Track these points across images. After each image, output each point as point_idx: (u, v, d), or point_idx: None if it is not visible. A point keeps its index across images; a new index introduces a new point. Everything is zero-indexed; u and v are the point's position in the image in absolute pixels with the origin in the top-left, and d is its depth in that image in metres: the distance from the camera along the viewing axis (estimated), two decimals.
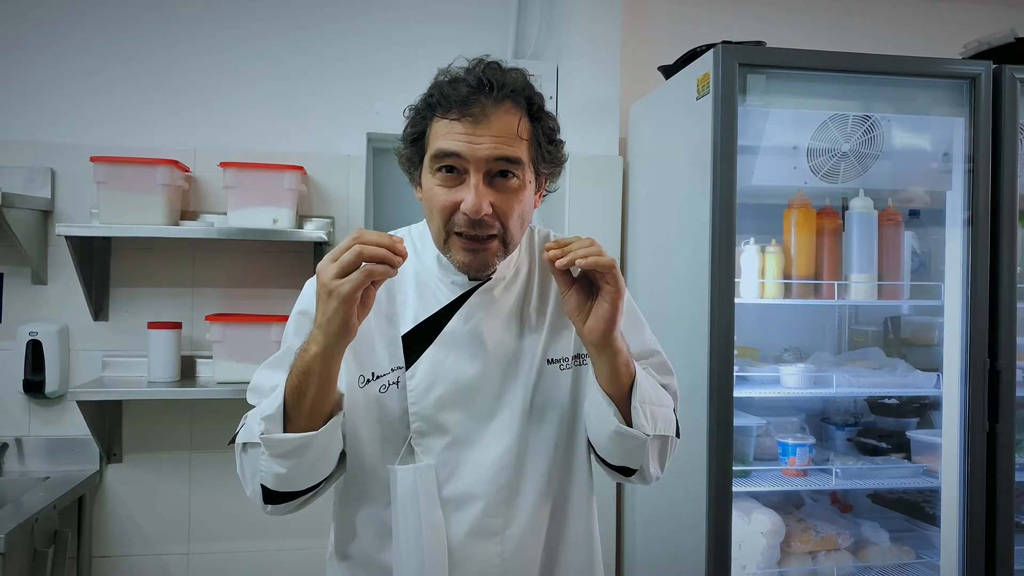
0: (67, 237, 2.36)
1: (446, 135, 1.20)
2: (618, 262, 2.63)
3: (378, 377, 1.28)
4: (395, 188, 3.05)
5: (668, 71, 2.40)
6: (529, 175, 1.24)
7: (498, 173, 1.20)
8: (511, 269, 1.35)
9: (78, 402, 2.37)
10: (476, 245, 1.21)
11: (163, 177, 2.42)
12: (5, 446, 2.52)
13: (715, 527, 2.05)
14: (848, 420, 2.64)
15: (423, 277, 1.33)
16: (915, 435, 2.44)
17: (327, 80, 2.75)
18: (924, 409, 2.56)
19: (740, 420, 2.33)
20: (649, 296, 2.48)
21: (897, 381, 2.34)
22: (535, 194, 1.30)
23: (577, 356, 1.35)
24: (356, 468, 1.29)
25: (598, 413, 1.26)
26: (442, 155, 1.20)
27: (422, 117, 1.25)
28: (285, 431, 1.14)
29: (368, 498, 1.29)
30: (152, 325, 2.49)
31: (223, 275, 2.67)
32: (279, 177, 2.50)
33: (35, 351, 2.50)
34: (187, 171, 2.60)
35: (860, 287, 2.32)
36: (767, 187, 2.40)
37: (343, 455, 1.29)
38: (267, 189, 2.48)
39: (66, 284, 2.55)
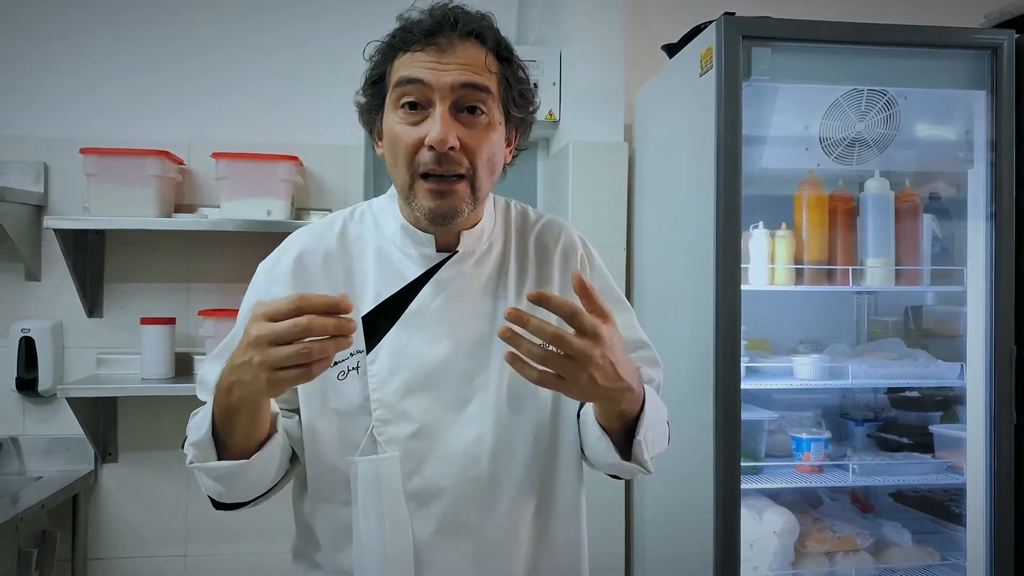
0: (56, 231, 2.32)
1: (409, 64, 1.11)
2: (624, 253, 2.55)
3: (336, 363, 1.16)
4: None
5: (671, 50, 2.30)
6: (498, 115, 1.15)
7: (466, 108, 1.11)
8: (483, 243, 1.24)
9: (68, 399, 2.32)
10: (443, 186, 1.10)
11: (153, 168, 2.36)
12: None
13: (723, 525, 1.94)
14: (867, 415, 2.51)
15: (385, 251, 1.22)
16: (938, 429, 2.31)
17: (325, 71, 2.68)
18: (948, 402, 2.42)
19: (751, 414, 2.22)
20: (657, 289, 2.38)
21: (918, 372, 2.21)
22: (505, 147, 1.20)
23: None
24: (313, 462, 1.19)
25: (596, 444, 1.15)
26: (405, 82, 1.10)
27: (384, 57, 1.15)
28: (218, 452, 1.06)
29: (326, 495, 1.19)
30: (145, 321, 2.44)
31: (220, 269, 2.61)
32: (273, 168, 2.43)
33: (28, 348, 2.45)
34: (181, 163, 2.55)
35: (876, 272, 2.20)
36: (778, 170, 2.29)
37: (295, 452, 1.21)
38: (261, 180, 2.42)
39: (59, 280, 2.50)
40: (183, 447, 1.15)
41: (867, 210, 2.25)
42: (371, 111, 1.19)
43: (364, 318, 1.17)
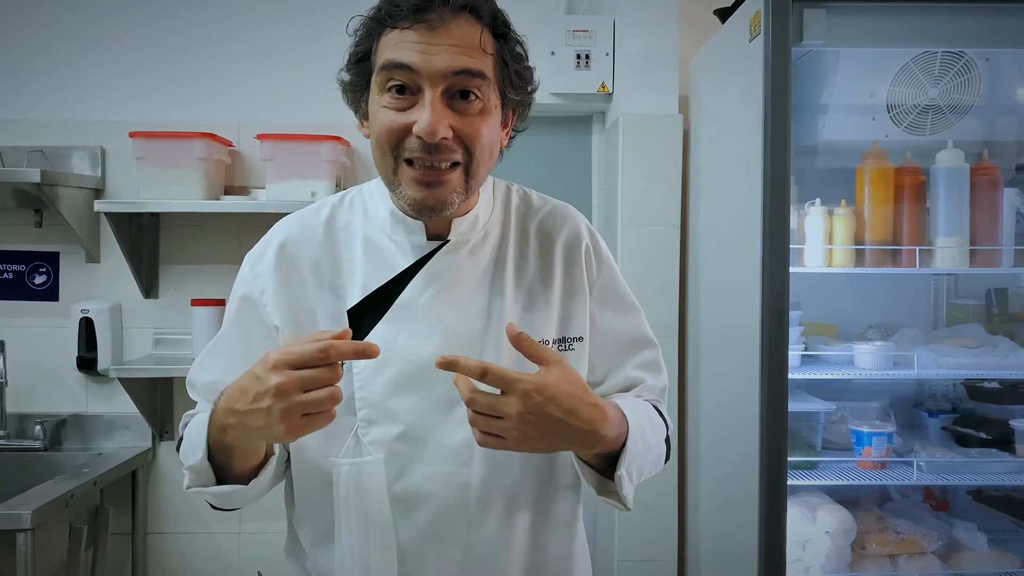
0: (107, 214, 2.36)
1: (396, 45, 1.01)
2: (678, 233, 2.41)
3: None
4: None
5: (724, 14, 2.15)
6: (494, 99, 1.06)
7: (458, 94, 1.02)
8: (479, 232, 1.16)
9: (120, 379, 2.38)
10: (432, 176, 1.02)
11: (200, 151, 2.37)
12: (64, 422, 2.57)
13: (767, 522, 1.81)
14: (943, 406, 2.31)
15: (373, 240, 1.15)
16: (1019, 424, 2.11)
17: None
18: None
19: (803, 405, 2.08)
20: (712, 272, 2.25)
21: (994, 362, 2.01)
22: (502, 130, 1.11)
23: (562, 339, 1.16)
24: (297, 463, 1.15)
25: (579, 472, 1.13)
26: (391, 66, 1.01)
27: (368, 33, 1.06)
28: (215, 468, 1.06)
29: (311, 496, 1.14)
30: (195, 302, 2.47)
31: None
32: (316, 148, 2.41)
33: (88, 329, 2.52)
34: (229, 145, 2.56)
35: (947, 253, 2.00)
36: (841, 143, 2.13)
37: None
38: (304, 161, 2.40)
39: (117, 262, 2.56)
40: (177, 449, 1.15)
41: (938, 184, 2.04)
42: (356, 90, 1.11)
43: (350, 312, 1.10)
